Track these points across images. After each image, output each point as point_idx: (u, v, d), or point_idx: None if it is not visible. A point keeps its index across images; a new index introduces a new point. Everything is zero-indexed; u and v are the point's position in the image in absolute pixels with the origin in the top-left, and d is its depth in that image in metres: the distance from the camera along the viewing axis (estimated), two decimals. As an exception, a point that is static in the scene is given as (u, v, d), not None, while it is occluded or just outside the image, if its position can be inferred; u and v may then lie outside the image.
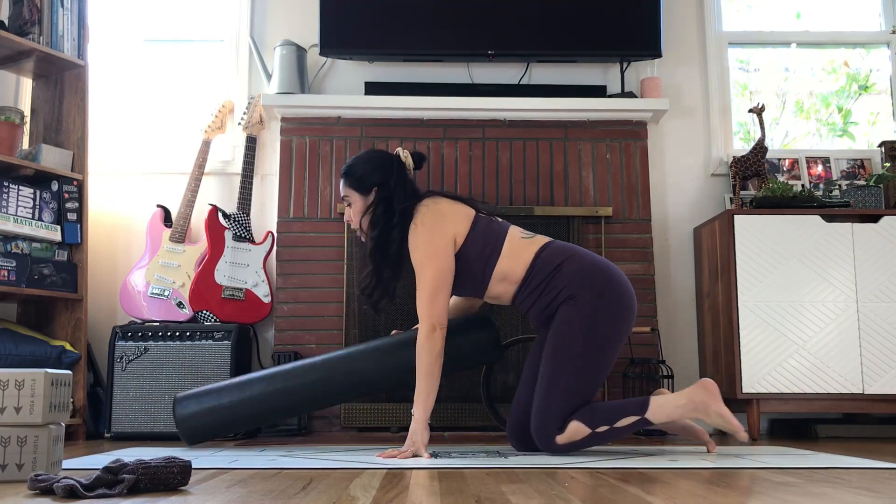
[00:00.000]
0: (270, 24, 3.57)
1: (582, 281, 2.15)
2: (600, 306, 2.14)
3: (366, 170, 2.32)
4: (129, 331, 2.96)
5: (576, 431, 2.09)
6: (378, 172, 2.30)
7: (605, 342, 2.15)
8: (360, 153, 2.43)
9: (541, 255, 2.21)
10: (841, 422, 3.15)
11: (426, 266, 2.18)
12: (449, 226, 2.21)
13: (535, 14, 3.38)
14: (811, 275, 3.00)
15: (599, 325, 2.14)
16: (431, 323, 2.15)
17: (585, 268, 2.18)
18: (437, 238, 2.19)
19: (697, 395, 2.14)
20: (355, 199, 2.32)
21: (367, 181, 2.30)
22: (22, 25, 2.90)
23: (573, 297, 2.14)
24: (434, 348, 2.14)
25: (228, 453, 2.23)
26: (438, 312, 2.15)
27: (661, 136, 3.55)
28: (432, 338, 2.14)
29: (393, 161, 2.33)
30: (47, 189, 2.93)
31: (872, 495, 1.42)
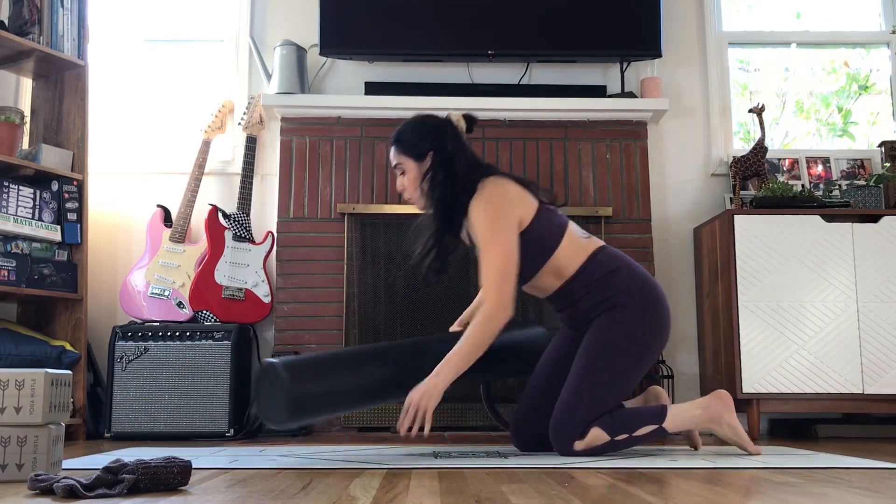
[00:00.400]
0: (270, 24, 3.57)
1: (634, 292, 2.13)
2: (646, 321, 2.13)
3: (420, 134, 2.23)
4: (129, 331, 2.96)
5: (595, 438, 2.07)
6: (432, 136, 2.21)
7: (642, 356, 2.14)
8: (409, 119, 2.31)
9: (596, 256, 2.17)
10: (841, 422, 3.15)
11: (492, 245, 2.08)
12: (516, 208, 2.13)
13: (535, 14, 3.38)
14: (811, 275, 3.00)
15: (641, 339, 2.13)
16: (502, 303, 2.05)
17: (639, 280, 2.15)
18: (504, 217, 2.10)
19: (714, 405, 2.14)
20: (410, 166, 2.23)
21: (422, 146, 2.21)
22: (22, 25, 2.90)
23: (622, 305, 2.12)
24: (492, 329, 2.05)
25: (228, 453, 2.23)
26: (505, 298, 2.06)
27: (661, 136, 3.55)
28: (495, 319, 2.05)
29: (447, 125, 2.24)
30: (47, 189, 2.93)
31: (872, 495, 1.42)
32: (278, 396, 1.94)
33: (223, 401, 2.91)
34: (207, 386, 2.92)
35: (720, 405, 2.14)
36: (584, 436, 2.07)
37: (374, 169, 3.31)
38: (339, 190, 3.29)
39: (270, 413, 1.98)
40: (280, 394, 1.94)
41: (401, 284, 3.25)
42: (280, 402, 1.94)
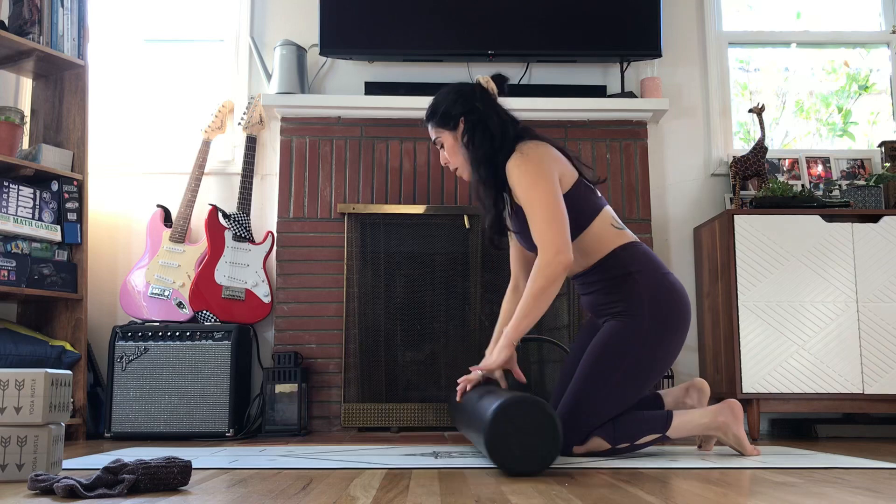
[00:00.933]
0: (270, 24, 3.57)
1: (646, 302, 2.06)
2: (665, 334, 2.07)
3: (448, 103, 2.20)
4: (129, 331, 2.96)
5: (596, 446, 2.06)
6: (461, 101, 2.18)
7: (654, 367, 2.09)
8: (437, 94, 2.28)
9: (619, 252, 2.10)
10: (841, 422, 3.15)
11: (534, 195, 2.00)
12: (555, 168, 2.06)
13: (535, 14, 3.38)
14: (811, 275, 3.00)
15: (657, 351, 2.07)
16: (556, 247, 1.96)
17: (655, 289, 2.08)
18: (544, 171, 2.02)
19: (722, 415, 2.11)
20: (446, 136, 2.21)
21: (453, 113, 2.18)
22: (22, 25, 2.90)
23: (630, 314, 2.06)
24: (551, 273, 1.95)
25: (228, 453, 2.23)
26: (562, 239, 1.96)
27: (661, 136, 3.55)
28: (553, 262, 1.95)
29: (473, 87, 2.22)
30: (47, 189, 2.93)
31: (872, 495, 1.42)
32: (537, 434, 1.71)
33: (223, 401, 2.91)
34: (207, 386, 2.92)
35: (730, 416, 2.12)
36: (584, 443, 2.06)
37: (374, 169, 3.31)
38: (339, 190, 3.29)
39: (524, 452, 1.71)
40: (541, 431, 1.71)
41: (401, 284, 3.25)
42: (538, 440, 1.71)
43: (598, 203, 2.15)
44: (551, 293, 1.99)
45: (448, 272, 3.23)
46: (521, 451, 1.69)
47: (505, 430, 1.69)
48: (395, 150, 3.32)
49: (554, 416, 1.71)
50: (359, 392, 3.12)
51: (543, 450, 1.70)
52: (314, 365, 3.16)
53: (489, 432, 1.68)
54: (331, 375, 3.15)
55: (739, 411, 2.14)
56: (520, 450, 1.69)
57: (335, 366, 3.16)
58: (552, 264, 1.97)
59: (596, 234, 2.11)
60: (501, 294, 3.24)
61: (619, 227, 2.16)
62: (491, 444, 1.69)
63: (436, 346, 3.21)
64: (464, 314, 3.22)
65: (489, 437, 1.68)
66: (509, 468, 1.70)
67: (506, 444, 1.69)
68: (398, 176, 3.30)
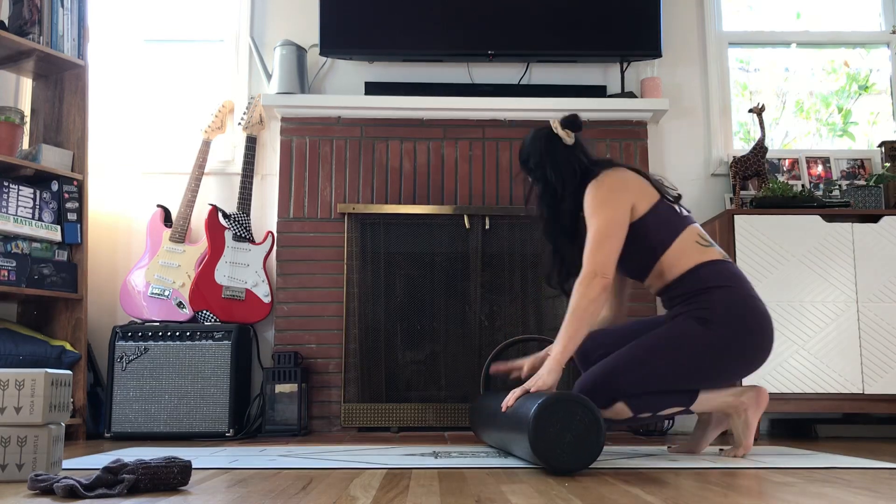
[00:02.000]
0: (270, 24, 3.57)
1: (728, 315, 2.04)
2: (733, 349, 2.04)
3: (525, 153, 2.28)
4: (129, 331, 2.96)
5: (619, 412, 2.05)
6: (533, 152, 2.25)
7: (708, 375, 2.07)
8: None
9: (700, 268, 2.10)
10: (841, 422, 3.15)
11: (596, 215, 2.07)
12: (630, 194, 2.11)
13: (535, 14, 3.38)
14: (811, 275, 3.00)
15: (719, 362, 2.05)
16: (594, 269, 2.02)
17: (740, 305, 2.06)
18: (615, 197, 2.09)
19: (747, 397, 2.11)
20: (534, 181, 2.28)
21: (529, 164, 2.26)
22: (22, 25, 2.90)
23: (713, 322, 2.04)
24: (590, 293, 2.01)
25: (228, 453, 2.23)
26: (603, 260, 2.03)
27: (661, 136, 3.55)
28: (591, 283, 2.02)
29: (543, 135, 2.26)
30: (47, 189, 2.93)
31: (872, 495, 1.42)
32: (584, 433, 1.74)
33: (223, 401, 2.91)
34: (207, 386, 2.92)
35: (752, 400, 2.12)
36: (608, 408, 2.05)
37: (374, 169, 3.31)
38: (339, 190, 3.29)
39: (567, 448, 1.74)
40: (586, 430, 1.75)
41: (401, 284, 3.25)
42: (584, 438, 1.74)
43: (681, 223, 2.16)
44: (592, 312, 2.02)
45: (448, 272, 3.23)
46: (566, 448, 1.72)
47: (549, 428, 1.72)
48: (395, 150, 3.32)
49: (599, 418, 1.73)
50: (359, 392, 3.12)
51: (587, 447, 1.73)
52: (314, 365, 3.16)
53: (534, 429, 1.72)
54: (331, 375, 3.15)
55: (764, 401, 2.13)
56: (564, 447, 1.72)
57: (335, 366, 3.16)
58: (591, 283, 2.02)
59: (676, 253, 2.13)
60: (501, 294, 3.26)
61: (705, 245, 2.16)
62: (536, 440, 1.72)
63: (436, 346, 3.21)
64: (464, 314, 3.22)
65: (534, 434, 1.72)
66: (554, 464, 1.72)
67: (550, 441, 1.72)
68: (398, 176, 3.30)
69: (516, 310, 3.25)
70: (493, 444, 2.27)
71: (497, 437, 2.12)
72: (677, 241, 2.13)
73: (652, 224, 2.12)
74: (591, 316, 2.02)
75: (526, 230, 3.24)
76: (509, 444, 1.98)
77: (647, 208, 2.13)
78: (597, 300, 2.02)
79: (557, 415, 1.73)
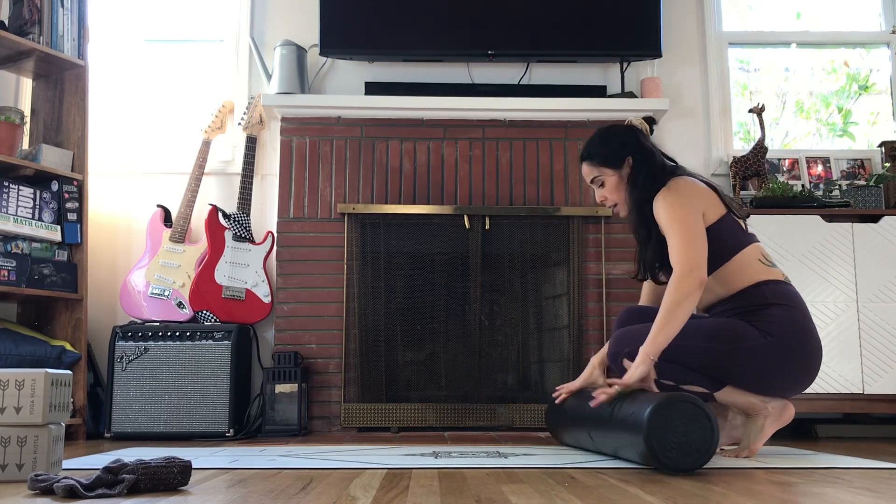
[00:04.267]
0: (270, 24, 3.57)
1: (787, 331, 2.04)
2: (784, 362, 2.04)
3: (613, 144, 2.26)
4: (129, 331, 2.96)
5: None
6: (627, 142, 2.25)
7: (745, 376, 2.06)
8: (593, 135, 2.33)
9: (763, 285, 2.09)
10: (841, 422, 3.15)
11: (675, 222, 2.06)
12: (699, 202, 2.11)
13: (535, 14, 3.38)
14: (811, 275, 3.00)
15: (766, 370, 2.04)
16: (689, 265, 2.00)
17: (798, 325, 2.06)
18: (688, 204, 2.08)
19: (773, 407, 2.10)
20: (609, 175, 2.26)
21: (620, 153, 2.24)
22: (22, 25, 2.90)
23: (770, 334, 2.04)
24: (685, 287, 1.98)
25: (228, 453, 2.23)
26: (696, 257, 2.00)
27: (661, 136, 3.54)
28: (686, 278, 1.99)
29: (635, 129, 2.29)
30: (47, 189, 2.93)
31: (872, 495, 1.42)
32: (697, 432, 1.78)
33: (223, 401, 2.91)
34: (207, 386, 2.92)
35: (777, 411, 2.11)
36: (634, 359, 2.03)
37: (374, 169, 3.31)
38: (339, 190, 3.29)
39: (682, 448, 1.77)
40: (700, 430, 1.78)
41: (401, 284, 3.25)
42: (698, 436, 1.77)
43: (746, 238, 2.16)
44: (686, 308, 2.00)
45: (448, 272, 3.23)
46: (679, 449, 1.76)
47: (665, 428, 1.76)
48: (395, 150, 3.32)
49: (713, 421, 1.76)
50: (359, 392, 3.12)
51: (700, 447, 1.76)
52: (314, 365, 3.16)
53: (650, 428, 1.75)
54: (331, 375, 3.15)
55: (788, 417, 2.12)
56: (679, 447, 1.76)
57: (335, 366, 3.16)
58: (687, 279, 2.00)
59: (739, 267, 2.12)
60: (501, 294, 3.26)
61: (768, 265, 2.16)
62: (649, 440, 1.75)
63: (436, 346, 3.21)
64: (464, 314, 3.22)
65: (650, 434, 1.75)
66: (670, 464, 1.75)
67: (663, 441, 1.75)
68: (398, 176, 3.30)
69: (516, 310, 3.25)
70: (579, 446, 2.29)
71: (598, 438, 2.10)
72: (741, 254, 2.12)
73: (716, 235, 2.10)
74: (685, 312, 1.99)
75: (526, 230, 3.24)
76: (615, 446, 1.98)
77: (716, 218, 2.12)
78: (692, 295, 1.99)
79: (672, 415, 1.76)
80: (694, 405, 1.77)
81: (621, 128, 2.32)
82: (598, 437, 2.08)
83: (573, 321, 3.18)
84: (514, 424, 3.09)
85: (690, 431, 1.76)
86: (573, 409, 2.26)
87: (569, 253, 3.22)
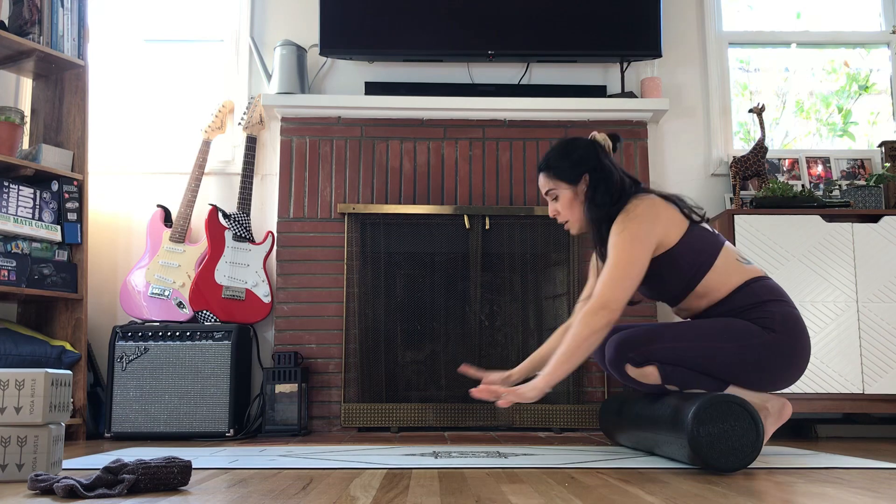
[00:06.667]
0: (270, 24, 3.57)
1: (789, 326, 2.04)
2: (785, 352, 2.04)
3: (573, 158, 2.22)
4: (129, 331, 2.96)
5: (648, 375, 2.05)
6: (586, 157, 2.20)
7: (753, 373, 2.06)
8: (554, 146, 2.29)
9: (752, 284, 2.09)
10: (841, 422, 3.15)
11: (622, 250, 2.04)
12: (660, 226, 2.08)
13: (535, 14, 3.38)
14: (811, 275, 3.00)
15: (767, 360, 2.04)
16: (605, 301, 2.00)
17: (794, 319, 2.06)
18: (644, 232, 2.06)
19: (771, 403, 2.11)
20: (563, 190, 2.21)
21: (578, 168, 2.19)
22: (22, 25, 2.90)
23: (770, 329, 2.04)
24: (594, 325, 1.99)
25: (228, 453, 2.23)
26: (617, 296, 2.01)
27: (661, 136, 3.55)
28: (597, 315, 1.99)
29: (596, 144, 2.25)
30: (47, 189, 2.93)
31: (872, 495, 1.42)
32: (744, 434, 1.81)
33: (223, 401, 2.91)
34: (207, 386, 2.92)
35: (776, 409, 2.11)
36: (640, 367, 2.04)
37: (374, 169, 3.31)
38: (339, 190, 3.29)
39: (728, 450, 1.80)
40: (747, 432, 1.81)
41: (401, 284, 3.25)
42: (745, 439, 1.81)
43: (717, 243, 2.15)
44: (592, 344, 2.02)
45: (448, 272, 3.23)
46: (723, 450, 1.78)
47: (710, 428, 1.79)
48: (395, 150, 3.32)
49: (759, 421, 1.79)
50: (359, 392, 3.12)
51: (746, 448, 1.79)
52: (314, 365, 3.16)
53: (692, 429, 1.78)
54: (331, 375, 3.16)
55: (787, 415, 2.13)
56: (721, 448, 1.78)
57: (335, 366, 3.16)
58: (598, 314, 2.00)
59: (722, 271, 2.11)
60: (501, 294, 3.26)
61: (745, 263, 2.15)
62: (693, 440, 1.78)
63: (436, 346, 3.21)
64: (464, 314, 3.22)
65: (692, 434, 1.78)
66: (712, 464, 1.78)
67: (708, 442, 1.78)
68: (398, 176, 3.30)
69: (516, 310, 3.25)
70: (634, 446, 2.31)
71: (644, 438, 2.14)
72: (720, 259, 2.11)
73: (687, 250, 2.10)
74: (590, 347, 2.02)
75: (526, 230, 3.24)
76: (659, 444, 2.01)
77: (680, 236, 2.10)
78: (599, 332, 2.01)
79: (718, 414, 1.79)
80: (741, 406, 1.79)
81: (582, 142, 2.26)
82: (646, 436, 2.11)
83: (573, 321, 3.18)
84: (514, 424, 3.09)
85: (734, 431, 1.79)
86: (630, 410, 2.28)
87: (569, 253, 3.22)
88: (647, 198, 2.13)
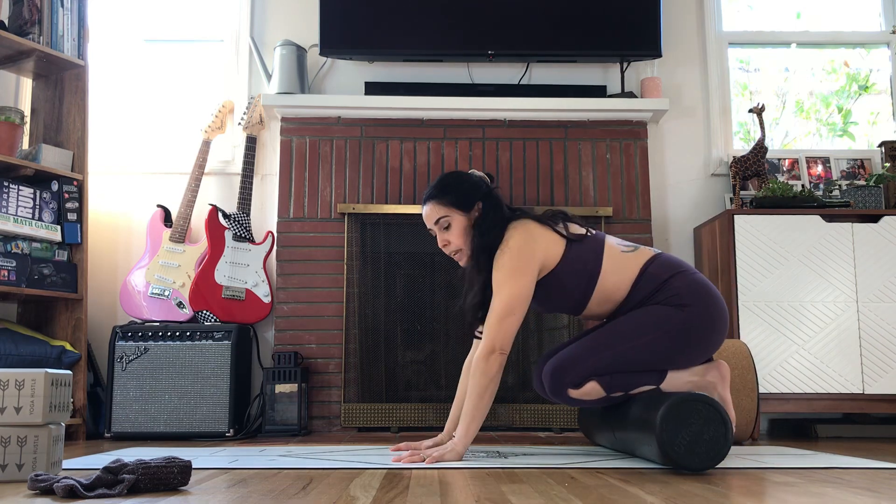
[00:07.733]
0: (270, 24, 3.57)
1: (693, 295, 2.06)
2: (703, 322, 2.06)
3: (467, 186, 2.23)
4: (129, 331, 2.96)
5: (591, 391, 2.07)
6: (479, 185, 2.23)
7: (682, 351, 2.08)
8: (439, 178, 2.30)
9: (647, 269, 2.11)
10: (841, 422, 3.15)
11: (505, 286, 2.07)
12: (539, 251, 2.11)
13: (535, 14, 3.38)
14: (811, 275, 3.00)
15: (691, 335, 2.06)
16: (493, 344, 2.05)
17: (699, 285, 2.09)
18: (524, 261, 2.09)
19: (710, 374, 2.13)
20: (456, 218, 2.21)
21: (472, 196, 2.20)
22: (22, 25, 2.90)
23: (681, 304, 2.06)
24: (489, 370, 2.04)
25: (228, 453, 2.23)
26: (503, 336, 2.06)
27: (661, 136, 3.55)
28: (489, 359, 2.05)
29: (483, 178, 2.28)
30: (47, 189, 2.93)
31: (872, 495, 1.42)
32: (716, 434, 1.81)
33: (223, 401, 2.91)
34: (207, 386, 2.92)
35: (716, 376, 2.13)
36: (580, 387, 2.07)
37: (374, 169, 3.31)
38: (339, 190, 3.29)
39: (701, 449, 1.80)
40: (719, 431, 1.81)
41: (401, 284, 3.25)
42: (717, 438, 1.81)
43: (597, 243, 2.16)
44: (492, 391, 2.07)
45: (448, 272, 3.23)
46: (692, 448, 1.79)
47: (677, 428, 1.79)
48: (395, 150, 3.32)
49: (727, 419, 1.79)
50: (359, 392, 3.12)
51: (715, 447, 1.79)
52: (314, 365, 3.16)
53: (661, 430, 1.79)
54: (331, 375, 3.15)
55: (727, 372, 2.15)
56: (690, 446, 1.79)
57: (335, 366, 3.16)
58: (488, 360, 2.05)
59: (615, 269, 2.12)
60: (501, 294, 3.25)
61: (631, 250, 2.17)
62: (662, 441, 1.78)
63: (436, 346, 3.21)
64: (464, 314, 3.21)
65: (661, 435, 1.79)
66: (682, 464, 1.78)
67: (676, 442, 1.78)
68: (398, 176, 3.30)
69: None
70: (610, 446, 2.33)
71: (619, 438, 2.16)
72: (605, 266, 2.13)
73: (570, 266, 2.12)
74: (493, 392, 2.07)
75: (526, 230, 3.23)
76: (633, 446, 2.03)
77: (560, 254, 2.12)
78: (496, 377, 2.06)
79: (684, 415, 1.79)
80: (708, 405, 1.80)
81: (468, 174, 2.29)
82: (621, 437, 2.13)
83: (573, 321, 3.18)
84: (513, 424, 3.09)
85: (703, 431, 1.78)
86: (603, 411, 2.29)
87: (569, 253, 3.21)
88: (521, 224, 2.16)
